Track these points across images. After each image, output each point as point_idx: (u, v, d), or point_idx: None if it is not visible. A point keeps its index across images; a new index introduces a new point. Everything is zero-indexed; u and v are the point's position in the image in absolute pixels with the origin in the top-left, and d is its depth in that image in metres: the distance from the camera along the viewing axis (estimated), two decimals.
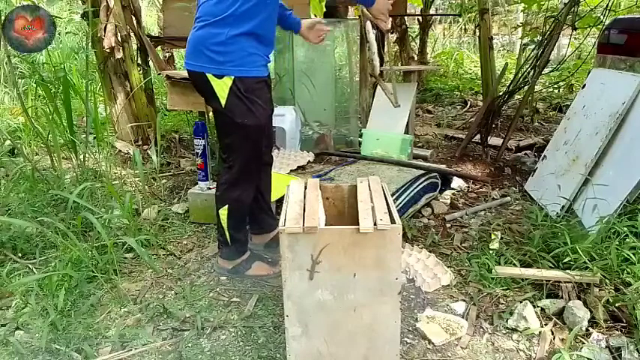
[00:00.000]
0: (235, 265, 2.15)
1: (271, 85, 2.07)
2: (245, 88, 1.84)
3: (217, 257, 2.21)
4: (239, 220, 2.11)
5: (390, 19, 2.08)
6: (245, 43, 1.82)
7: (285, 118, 3.44)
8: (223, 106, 1.85)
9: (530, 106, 4.80)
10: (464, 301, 1.98)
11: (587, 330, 1.75)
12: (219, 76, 1.81)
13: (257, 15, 1.81)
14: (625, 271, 1.87)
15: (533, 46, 3.55)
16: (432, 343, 1.74)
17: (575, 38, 4.28)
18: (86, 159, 3.09)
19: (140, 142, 3.78)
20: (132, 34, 3.68)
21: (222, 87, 1.82)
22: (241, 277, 2.16)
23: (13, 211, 2.63)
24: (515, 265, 2.12)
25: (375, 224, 1.36)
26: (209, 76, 1.82)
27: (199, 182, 2.75)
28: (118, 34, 3.53)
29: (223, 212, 2.04)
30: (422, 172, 2.82)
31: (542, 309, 1.88)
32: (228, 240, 2.09)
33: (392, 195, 2.42)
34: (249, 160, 2.00)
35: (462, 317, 1.87)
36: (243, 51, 1.82)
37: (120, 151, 3.73)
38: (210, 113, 3.44)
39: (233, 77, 1.81)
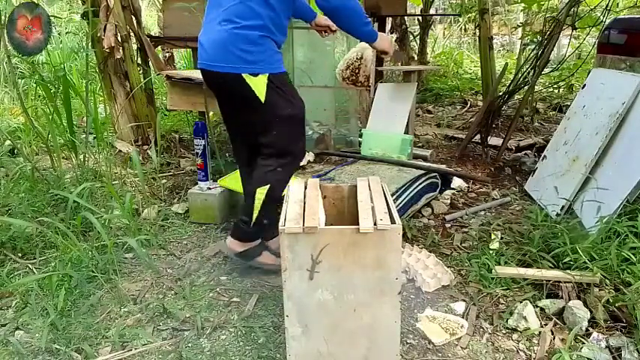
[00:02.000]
0: (246, 249, 2.12)
1: None
2: (280, 83, 1.91)
3: (228, 237, 2.14)
4: (272, 204, 2.10)
5: (392, 46, 2.19)
6: (270, 44, 1.90)
7: None
8: (263, 101, 1.88)
9: (530, 106, 4.80)
10: (464, 301, 1.98)
11: (587, 330, 1.75)
12: (255, 74, 1.85)
13: (284, 25, 1.94)
14: (625, 271, 1.87)
15: (533, 46, 3.54)
16: (432, 343, 1.74)
17: (575, 38, 4.28)
18: (86, 159, 3.09)
19: (140, 142, 3.77)
20: (132, 34, 3.68)
21: (258, 84, 1.86)
22: (245, 264, 2.15)
23: (13, 211, 2.63)
24: (515, 265, 2.12)
25: (375, 224, 1.36)
26: (245, 75, 1.85)
27: (199, 182, 2.75)
28: (118, 34, 3.53)
29: (262, 191, 2.01)
30: (422, 172, 2.82)
31: (542, 309, 1.88)
32: (253, 220, 2.05)
33: (392, 195, 2.42)
34: (296, 147, 2.06)
35: (462, 317, 1.87)
36: (270, 50, 1.90)
37: (120, 151, 3.72)
38: (212, 113, 3.45)
39: (267, 74, 1.86)
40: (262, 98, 1.88)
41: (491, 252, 2.23)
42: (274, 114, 1.93)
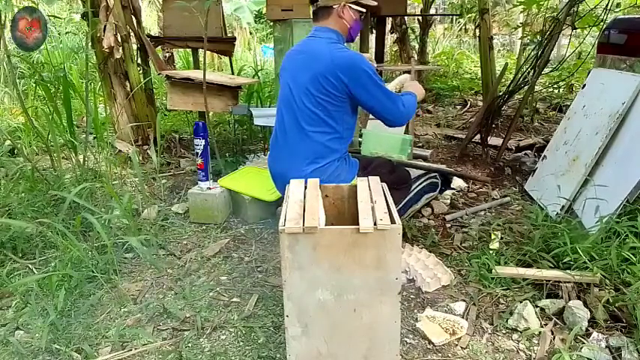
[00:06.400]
0: None
1: None
2: (363, 170, 2.12)
3: None
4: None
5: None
6: (347, 158, 2.11)
7: None
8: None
9: (530, 106, 4.80)
10: (464, 301, 1.98)
11: (587, 330, 1.75)
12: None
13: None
14: (625, 271, 1.87)
15: (533, 46, 3.54)
16: (432, 343, 1.74)
17: (575, 38, 4.28)
18: (86, 159, 3.09)
19: (140, 142, 3.77)
20: (132, 34, 3.68)
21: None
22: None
23: (13, 211, 2.63)
24: (515, 265, 2.12)
25: (375, 224, 1.35)
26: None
27: (199, 182, 2.75)
28: (118, 34, 3.52)
29: None
30: (422, 172, 2.82)
31: (542, 309, 1.88)
32: None
33: None
34: (404, 181, 2.36)
35: (462, 317, 1.87)
36: (347, 161, 2.09)
37: (120, 151, 3.72)
38: (212, 113, 3.45)
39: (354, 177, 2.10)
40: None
41: (491, 252, 2.23)
42: (386, 165, 2.24)
